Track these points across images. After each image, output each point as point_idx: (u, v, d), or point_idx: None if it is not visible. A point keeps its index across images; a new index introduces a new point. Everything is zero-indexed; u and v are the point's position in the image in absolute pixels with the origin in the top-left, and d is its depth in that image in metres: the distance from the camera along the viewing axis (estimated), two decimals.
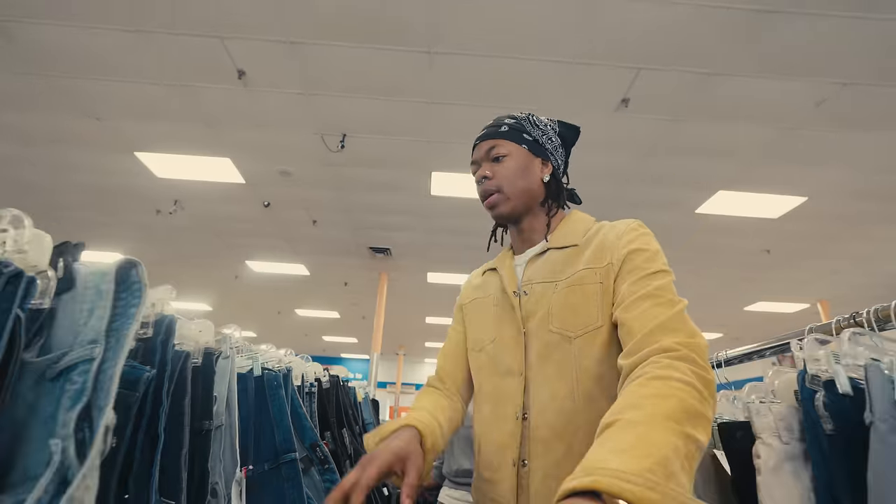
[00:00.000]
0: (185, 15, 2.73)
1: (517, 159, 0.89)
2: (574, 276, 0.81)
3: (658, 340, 0.66)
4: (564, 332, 0.78)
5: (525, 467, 0.77)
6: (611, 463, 0.46)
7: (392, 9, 2.65)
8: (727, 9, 2.55)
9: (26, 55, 3.06)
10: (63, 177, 4.61)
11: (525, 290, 0.86)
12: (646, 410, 0.54)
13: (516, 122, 0.92)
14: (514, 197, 0.88)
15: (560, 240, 0.88)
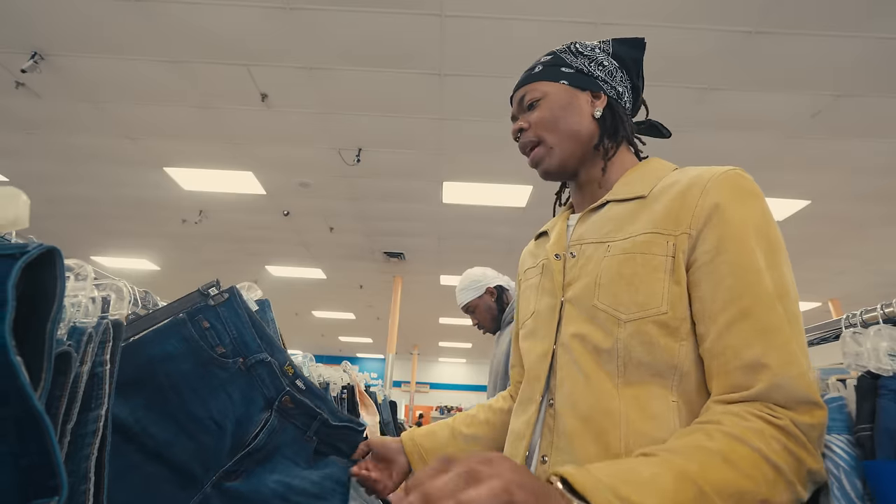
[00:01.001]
0: (214, 45, 2.97)
1: (554, 99, 0.72)
2: (636, 238, 0.61)
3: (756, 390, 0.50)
4: (613, 312, 0.60)
5: (545, 464, 0.62)
6: (610, 479, 0.41)
7: (406, 36, 2.85)
8: (720, 31, 2.70)
9: (71, 84, 3.34)
10: (101, 191, 4.93)
11: (572, 251, 0.69)
12: (688, 462, 0.44)
13: (553, 57, 0.76)
14: (560, 144, 0.72)
15: (623, 190, 0.69)
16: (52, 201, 5.17)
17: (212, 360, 0.75)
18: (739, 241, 0.55)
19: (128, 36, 2.90)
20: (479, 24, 2.74)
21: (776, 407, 0.48)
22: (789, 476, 0.45)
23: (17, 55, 3.04)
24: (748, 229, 0.56)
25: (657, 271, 0.58)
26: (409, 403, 13.63)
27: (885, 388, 0.54)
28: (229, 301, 0.77)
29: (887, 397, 0.53)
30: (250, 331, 0.77)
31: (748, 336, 0.52)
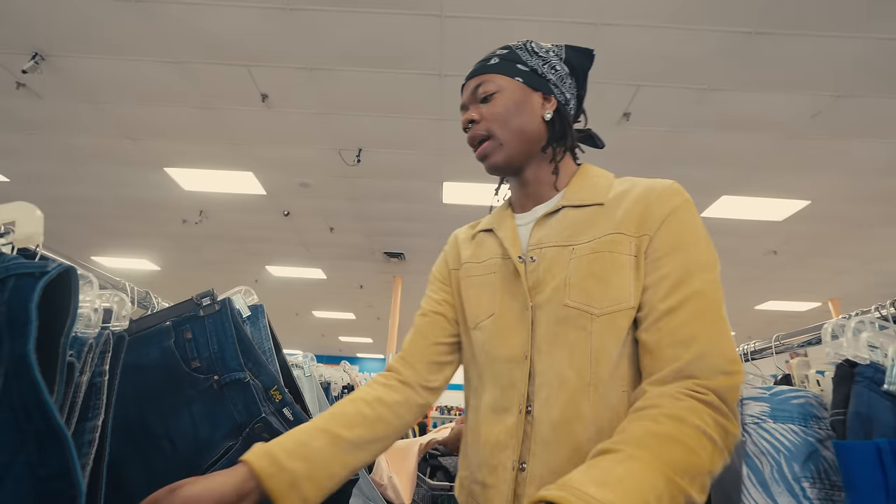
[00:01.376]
0: (214, 46, 2.97)
1: (509, 95, 0.73)
2: (601, 239, 0.66)
3: (687, 371, 0.56)
4: (586, 308, 0.63)
5: (524, 471, 0.64)
6: (589, 489, 0.44)
7: (406, 37, 2.85)
8: (720, 32, 2.71)
9: (72, 84, 3.34)
10: (101, 191, 4.93)
11: (532, 255, 0.70)
12: (649, 451, 0.49)
13: (509, 52, 0.76)
14: (509, 141, 0.73)
15: (578, 195, 0.72)
16: (53, 201, 5.17)
17: (183, 375, 0.70)
18: (685, 242, 0.63)
19: (128, 37, 2.90)
20: (479, 24, 2.74)
21: (701, 382, 0.55)
22: (721, 446, 0.52)
23: (18, 56, 3.04)
24: (693, 232, 0.65)
25: (624, 268, 0.63)
26: None
27: (861, 375, 0.60)
28: (219, 313, 0.73)
29: (862, 384, 0.59)
30: (233, 347, 0.72)
31: (684, 319, 0.59)
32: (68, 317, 0.42)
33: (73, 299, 0.43)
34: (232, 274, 7.61)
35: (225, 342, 0.71)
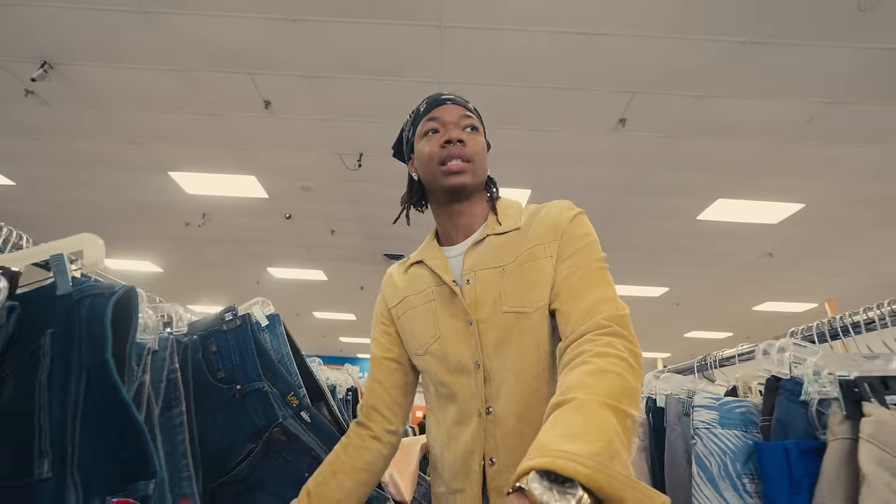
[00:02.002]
0: (218, 55, 3.04)
1: (483, 137, 0.89)
2: (525, 253, 0.80)
3: (592, 318, 0.68)
4: (521, 310, 0.77)
5: (494, 465, 0.74)
6: (564, 446, 0.48)
7: (406, 46, 2.92)
8: (714, 41, 2.77)
9: (79, 92, 3.41)
10: (106, 195, 5.00)
11: (468, 278, 0.82)
12: (590, 389, 0.56)
13: (473, 107, 0.92)
14: (478, 172, 0.86)
15: (501, 225, 0.85)
16: (57, 205, 5.24)
17: (209, 385, 0.78)
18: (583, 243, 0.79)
19: (135, 46, 2.97)
20: (477, 34, 2.81)
21: (600, 320, 0.67)
22: (635, 365, 0.62)
23: (28, 64, 3.12)
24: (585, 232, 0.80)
25: (545, 269, 0.78)
26: None
27: (783, 388, 0.72)
28: (240, 328, 0.82)
29: (784, 395, 0.71)
30: (253, 359, 0.80)
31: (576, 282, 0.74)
32: (131, 327, 0.50)
33: (135, 315, 0.51)
34: (234, 276, 7.68)
35: (246, 354, 0.79)
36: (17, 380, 0.49)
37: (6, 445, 0.48)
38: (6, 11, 2.73)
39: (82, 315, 0.51)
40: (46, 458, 0.48)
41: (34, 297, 0.53)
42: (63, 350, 0.50)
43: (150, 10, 2.71)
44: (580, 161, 3.97)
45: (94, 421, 0.49)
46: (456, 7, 2.63)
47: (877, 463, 0.57)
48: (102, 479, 0.48)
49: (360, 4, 2.64)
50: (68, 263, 0.53)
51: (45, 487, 0.48)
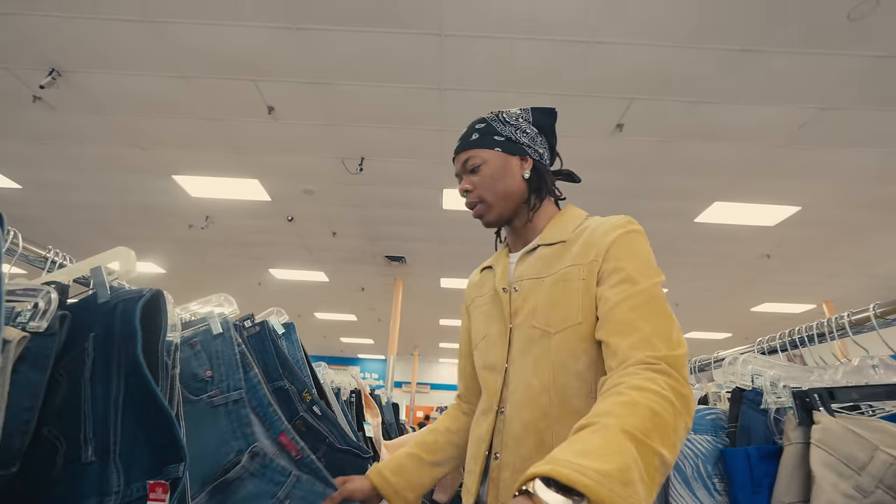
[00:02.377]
0: (223, 62, 3.10)
1: (492, 165, 0.88)
2: (560, 272, 0.80)
3: (638, 354, 0.65)
4: (545, 328, 0.78)
5: (497, 459, 0.79)
6: (573, 458, 0.48)
7: (407, 54, 2.98)
8: (708, 49, 2.83)
9: (85, 98, 3.48)
10: (111, 197, 5.07)
11: (516, 286, 0.85)
12: (618, 419, 0.54)
13: (486, 126, 0.91)
14: (497, 203, 0.88)
15: (550, 236, 0.86)
16: (63, 208, 5.31)
17: None
18: (625, 260, 0.75)
19: (141, 54, 3.03)
20: (477, 42, 2.87)
21: (650, 355, 0.64)
22: (680, 407, 0.59)
23: (36, 71, 3.18)
24: (633, 251, 0.76)
25: (574, 293, 0.77)
26: (409, 404, 13.77)
27: (747, 398, 0.79)
28: (259, 333, 0.90)
29: (747, 405, 0.78)
30: (274, 360, 0.89)
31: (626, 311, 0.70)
32: (161, 326, 0.57)
33: (164, 316, 0.57)
34: (236, 277, 7.75)
35: (267, 357, 0.87)
36: (70, 379, 0.56)
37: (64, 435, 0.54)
38: (16, 21, 2.79)
39: (116, 318, 0.59)
40: (90, 444, 0.55)
41: (81, 305, 0.60)
42: (104, 351, 0.57)
43: (156, 20, 2.77)
44: (579, 165, 3.98)
45: (133, 413, 0.56)
46: (456, 16, 2.69)
47: (824, 465, 0.63)
48: (142, 464, 0.55)
49: (362, 13, 2.70)
50: (106, 275, 0.60)
51: (91, 470, 0.55)
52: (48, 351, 0.53)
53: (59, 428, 0.55)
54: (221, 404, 0.79)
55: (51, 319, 0.53)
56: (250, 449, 0.77)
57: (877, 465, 0.60)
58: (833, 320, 0.90)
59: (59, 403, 0.55)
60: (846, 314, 0.91)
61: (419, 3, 2.62)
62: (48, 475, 0.54)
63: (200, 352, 0.82)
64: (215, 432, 0.77)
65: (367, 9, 2.67)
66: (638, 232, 0.79)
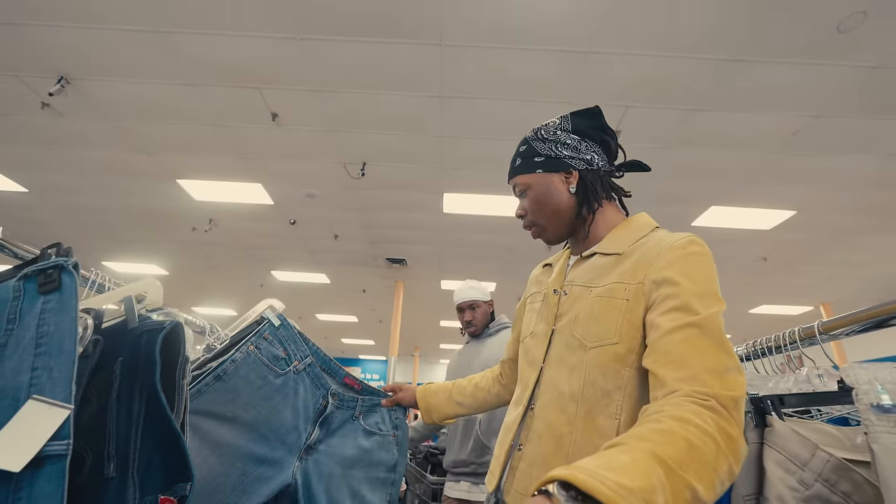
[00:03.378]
0: (228, 71, 3.17)
1: (536, 188, 0.89)
2: (607, 286, 0.79)
3: (686, 387, 0.61)
4: (583, 340, 0.78)
5: (520, 451, 0.82)
6: (597, 470, 0.47)
7: (408, 63, 3.05)
8: (701, 59, 2.90)
9: (93, 104, 3.55)
10: (117, 201, 5.14)
11: (566, 290, 0.86)
12: (651, 444, 0.52)
13: (526, 149, 0.91)
14: (549, 223, 0.89)
15: (608, 245, 0.85)
16: (68, 210, 5.38)
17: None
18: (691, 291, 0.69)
19: (148, 62, 3.11)
20: (477, 51, 2.94)
21: (700, 390, 0.60)
22: (724, 448, 0.55)
23: (45, 79, 3.25)
24: (692, 274, 0.71)
25: (615, 311, 0.75)
26: None
27: None
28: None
29: None
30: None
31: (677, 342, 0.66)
32: (179, 355, 0.63)
33: (183, 345, 0.64)
34: (238, 279, 7.82)
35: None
36: (99, 398, 0.63)
37: (91, 449, 0.61)
38: (26, 30, 2.86)
39: (141, 346, 0.65)
40: (113, 461, 0.62)
41: (112, 330, 0.66)
42: (129, 375, 0.64)
43: (163, 30, 2.84)
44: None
45: (151, 434, 0.63)
46: (456, 26, 2.76)
47: (774, 462, 0.71)
48: (155, 480, 0.61)
49: (364, 23, 2.77)
50: (136, 303, 0.66)
51: (112, 484, 0.61)
52: (82, 371, 0.59)
53: (87, 441, 0.61)
54: (303, 369, 1.09)
55: (86, 344, 0.59)
56: (329, 391, 1.12)
57: (817, 462, 0.68)
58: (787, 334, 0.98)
59: (88, 419, 0.61)
60: (797, 328, 0.99)
61: (420, 13, 2.69)
62: (75, 484, 0.60)
63: (273, 340, 1.08)
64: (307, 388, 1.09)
65: (369, 19, 2.74)
66: (701, 254, 0.73)
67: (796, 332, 0.94)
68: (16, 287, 0.55)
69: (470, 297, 2.12)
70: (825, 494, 0.66)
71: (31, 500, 0.46)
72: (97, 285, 0.83)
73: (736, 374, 0.62)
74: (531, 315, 0.94)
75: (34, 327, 0.52)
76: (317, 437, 1.06)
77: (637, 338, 0.73)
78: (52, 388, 0.49)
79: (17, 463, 0.44)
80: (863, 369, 0.60)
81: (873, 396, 0.58)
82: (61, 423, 0.47)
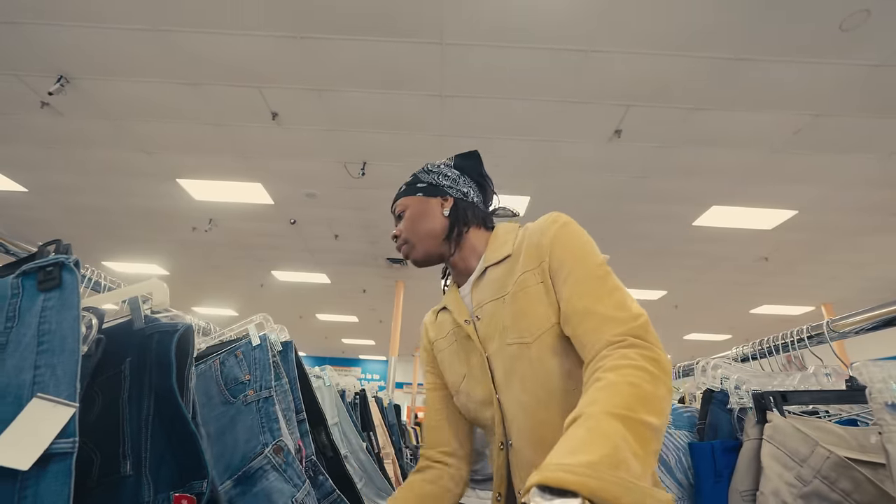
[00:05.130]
0: (228, 70, 3.16)
1: (414, 209, 0.93)
2: (517, 283, 0.80)
3: (604, 336, 0.67)
4: (521, 341, 0.77)
5: (520, 494, 0.76)
6: (563, 459, 0.48)
7: (409, 62, 3.05)
8: (702, 58, 2.89)
9: (93, 104, 3.54)
10: (116, 200, 5.14)
11: (477, 314, 0.86)
12: (600, 404, 0.55)
13: (412, 178, 0.97)
14: (419, 241, 0.91)
15: (493, 256, 0.87)
16: (69, 210, 5.37)
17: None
18: (569, 251, 0.77)
19: (148, 62, 3.10)
20: (477, 50, 2.93)
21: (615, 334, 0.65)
22: (656, 372, 0.60)
23: (45, 78, 3.25)
24: (572, 242, 0.78)
25: (537, 296, 0.77)
26: (410, 405, 13.80)
27: (715, 398, 0.89)
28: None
29: (715, 404, 0.88)
30: None
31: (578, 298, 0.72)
32: (188, 357, 0.62)
33: (192, 346, 0.63)
34: (238, 279, 7.81)
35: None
36: (105, 398, 0.62)
37: (100, 449, 0.60)
38: (25, 29, 2.86)
39: (152, 347, 0.65)
40: (129, 460, 0.61)
41: (116, 330, 0.66)
42: (138, 374, 0.64)
43: (162, 29, 2.84)
44: (578, 170, 4.09)
45: (162, 432, 0.63)
46: (456, 25, 2.75)
47: (772, 458, 0.71)
48: (168, 478, 0.61)
49: (364, 22, 2.76)
50: (141, 304, 0.66)
51: (128, 483, 0.61)
52: (85, 371, 0.59)
53: (94, 441, 0.61)
54: (253, 401, 0.88)
55: (90, 343, 0.58)
56: (275, 442, 0.84)
57: (816, 459, 0.68)
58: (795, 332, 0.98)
59: (94, 419, 0.61)
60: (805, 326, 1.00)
61: (420, 12, 2.69)
62: (83, 484, 0.59)
63: (242, 360, 0.93)
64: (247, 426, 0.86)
65: (369, 18, 2.73)
66: (567, 223, 0.80)
67: (804, 329, 0.94)
68: (14, 284, 0.54)
69: None
70: (824, 491, 0.66)
71: (37, 498, 0.45)
72: (93, 283, 0.82)
73: (633, 303, 0.69)
74: (451, 362, 0.91)
75: (35, 325, 0.51)
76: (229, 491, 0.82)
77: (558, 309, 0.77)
78: (56, 386, 0.48)
79: (26, 461, 0.44)
80: (877, 367, 0.60)
81: (888, 395, 0.57)
82: (67, 421, 0.47)
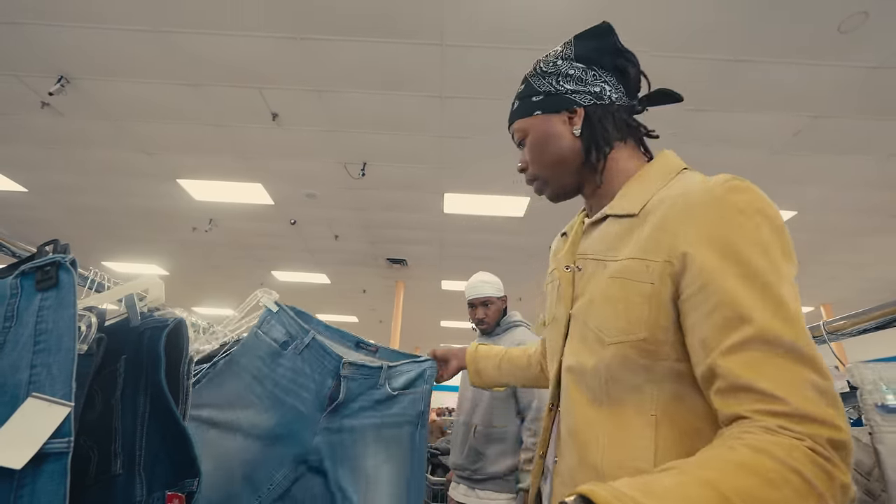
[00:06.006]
0: (228, 70, 3.17)
1: (534, 134, 0.74)
2: (622, 262, 0.61)
3: (778, 402, 0.46)
4: (599, 334, 0.62)
5: (556, 463, 0.69)
6: (624, 489, 0.40)
7: (409, 63, 3.05)
8: (701, 59, 2.89)
9: (93, 104, 3.55)
10: (115, 201, 5.15)
11: (579, 264, 0.70)
12: (710, 471, 0.43)
13: (524, 88, 0.76)
14: (550, 175, 0.74)
15: (619, 204, 0.67)
16: (70, 210, 5.38)
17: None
18: (725, 280, 0.51)
19: (148, 62, 3.10)
20: (477, 52, 2.93)
21: (795, 423, 0.45)
22: (820, 488, 0.42)
23: (45, 78, 3.25)
24: (731, 259, 0.52)
25: (637, 297, 0.57)
26: None
27: None
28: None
29: None
30: None
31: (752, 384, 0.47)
32: (182, 351, 0.63)
33: (186, 341, 0.63)
34: (238, 279, 7.82)
35: None
36: (101, 396, 0.62)
37: (98, 446, 0.61)
38: (26, 30, 2.86)
39: (144, 343, 0.66)
40: (119, 458, 0.62)
41: (114, 328, 0.66)
42: (133, 372, 0.64)
43: (163, 30, 2.84)
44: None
45: (157, 430, 0.63)
46: (457, 26, 2.76)
47: None
48: (162, 476, 0.62)
49: (364, 23, 2.77)
50: (137, 301, 0.66)
51: (119, 481, 0.61)
52: (87, 369, 0.59)
53: (93, 439, 0.61)
54: (304, 346, 1.05)
55: (90, 342, 0.59)
56: (343, 363, 1.04)
57: None
58: None
59: (93, 417, 0.61)
60: None
61: (420, 13, 2.69)
62: (82, 482, 0.60)
63: (274, 324, 1.08)
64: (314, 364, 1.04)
65: (369, 19, 2.74)
66: (743, 210, 0.54)
67: None
68: (13, 284, 0.54)
69: (484, 294, 2.06)
70: None
71: (33, 498, 0.45)
72: (96, 284, 0.83)
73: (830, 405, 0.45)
74: (551, 296, 0.78)
75: (32, 325, 0.52)
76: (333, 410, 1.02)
77: (672, 329, 0.56)
78: (51, 385, 0.49)
79: (19, 460, 0.44)
80: (868, 369, 0.59)
81: (878, 396, 0.57)
82: (62, 421, 0.47)
